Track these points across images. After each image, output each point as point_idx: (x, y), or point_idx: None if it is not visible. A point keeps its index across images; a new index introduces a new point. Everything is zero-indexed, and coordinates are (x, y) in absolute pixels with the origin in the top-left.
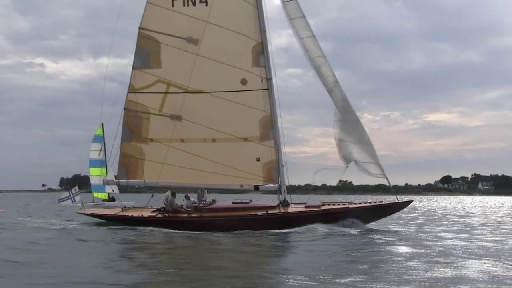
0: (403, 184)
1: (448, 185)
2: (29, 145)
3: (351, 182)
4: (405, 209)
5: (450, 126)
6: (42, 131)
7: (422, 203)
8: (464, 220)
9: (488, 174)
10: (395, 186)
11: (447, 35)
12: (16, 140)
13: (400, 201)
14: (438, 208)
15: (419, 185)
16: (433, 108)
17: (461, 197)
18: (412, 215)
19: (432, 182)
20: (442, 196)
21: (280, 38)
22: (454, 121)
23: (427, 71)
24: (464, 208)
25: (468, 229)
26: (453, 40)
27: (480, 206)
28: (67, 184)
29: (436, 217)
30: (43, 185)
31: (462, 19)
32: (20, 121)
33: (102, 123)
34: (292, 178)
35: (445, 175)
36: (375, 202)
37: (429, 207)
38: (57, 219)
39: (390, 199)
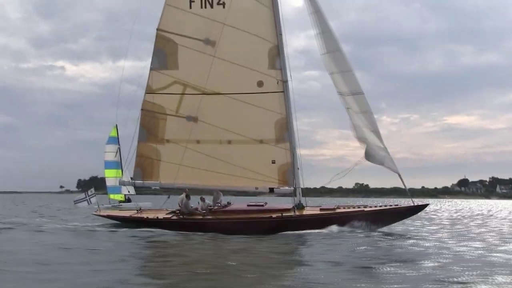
0: (419, 187)
1: (465, 188)
2: (49, 147)
3: (367, 185)
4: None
5: (470, 128)
6: (62, 133)
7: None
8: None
9: (508, 178)
10: (411, 189)
11: (467, 36)
12: (36, 143)
13: (415, 204)
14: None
15: (435, 188)
16: (453, 111)
17: (478, 200)
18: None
19: (449, 185)
20: (457, 200)
21: (298, 41)
22: (475, 123)
23: (447, 73)
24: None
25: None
26: (473, 42)
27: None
28: (84, 185)
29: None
30: (61, 187)
31: (482, 20)
32: (41, 124)
33: (116, 125)
34: (310, 181)
35: (463, 178)
36: (390, 206)
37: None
38: (76, 221)
39: (405, 202)
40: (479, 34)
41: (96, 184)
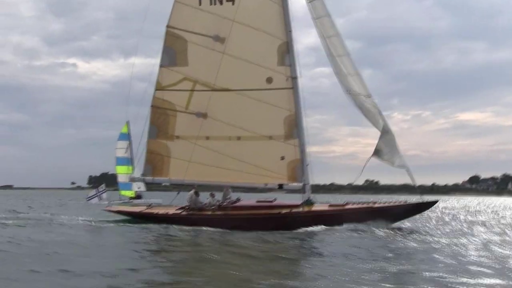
0: (430, 184)
1: (476, 186)
2: (61, 144)
3: (377, 182)
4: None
5: (483, 125)
6: (73, 131)
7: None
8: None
9: None
10: (421, 186)
11: (479, 33)
12: (48, 140)
13: (426, 201)
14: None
15: (445, 185)
16: (465, 108)
17: (488, 197)
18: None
19: (460, 182)
20: (467, 197)
21: (309, 37)
22: (487, 120)
23: (459, 70)
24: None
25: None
26: (486, 39)
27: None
28: (95, 182)
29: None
30: (72, 183)
31: (495, 17)
32: (53, 121)
33: (128, 121)
34: (320, 178)
35: (474, 175)
36: (399, 202)
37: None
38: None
39: (415, 199)
40: (492, 31)
41: (107, 180)
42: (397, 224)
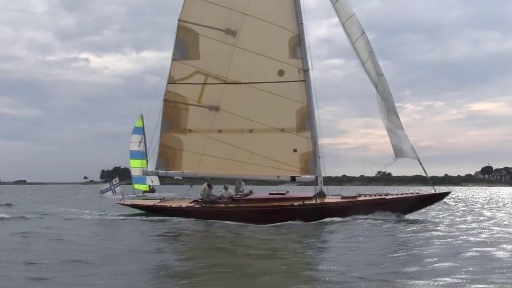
0: (442, 175)
1: (489, 176)
2: (74, 139)
3: (389, 173)
4: None
5: (496, 115)
6: (86, 125)
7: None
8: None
9: None
10: (433, 177)
11: (491, 23)
12: (62, 135)
13: (437, 192)
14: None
15: (458, 176)
16: (477, 98)
17: (501, 188)
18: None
19: (473, 173)
20: (480, 187)
21: (320, 29)
22: (500, 110)
23: (471, 60)
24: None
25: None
26: (498, 28)
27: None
28: (107, 176)
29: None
30: (85, 177)
31: (507, 6)
32: (66, 116)
33: (142, 115)
34: (332, 170)
35: (487, 165)
36: (411, 194)
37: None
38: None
39: (427, 190)
40: (504, 20)
41: (119, 174)
42: (409, 216)
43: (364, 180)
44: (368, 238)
